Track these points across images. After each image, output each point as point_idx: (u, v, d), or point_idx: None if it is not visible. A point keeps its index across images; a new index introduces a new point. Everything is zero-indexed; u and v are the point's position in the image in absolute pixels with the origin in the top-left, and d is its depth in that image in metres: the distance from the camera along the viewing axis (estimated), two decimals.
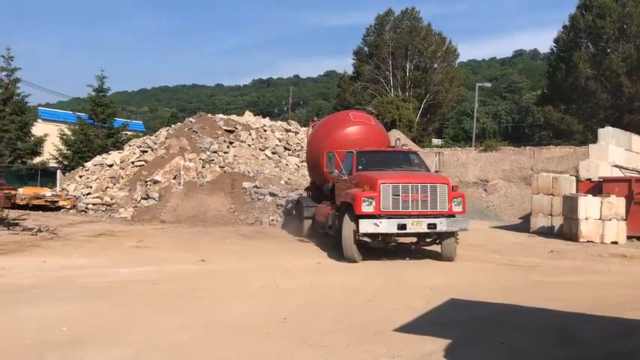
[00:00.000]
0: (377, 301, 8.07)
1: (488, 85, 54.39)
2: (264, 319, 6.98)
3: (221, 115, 28.76)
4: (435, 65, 54.87)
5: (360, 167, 12.60)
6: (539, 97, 55.71)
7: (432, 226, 11.15)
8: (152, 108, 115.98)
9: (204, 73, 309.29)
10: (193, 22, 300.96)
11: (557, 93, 45.84)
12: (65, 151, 33.47)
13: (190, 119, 27.90)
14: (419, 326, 6.75)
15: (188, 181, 22.06)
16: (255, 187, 21.33)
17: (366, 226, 11.04)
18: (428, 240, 12.08)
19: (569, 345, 6.22)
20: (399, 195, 11.15)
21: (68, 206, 22.01)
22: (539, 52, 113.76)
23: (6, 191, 16.49)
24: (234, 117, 28.85)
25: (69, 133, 34.10)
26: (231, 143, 25.08)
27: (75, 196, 22.82)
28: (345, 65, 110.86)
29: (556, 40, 47.81)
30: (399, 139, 14.47)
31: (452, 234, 11.60)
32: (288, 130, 28.09)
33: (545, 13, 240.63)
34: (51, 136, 32.92)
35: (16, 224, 16.92)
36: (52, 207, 21.84)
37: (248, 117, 29.14)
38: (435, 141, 57.87)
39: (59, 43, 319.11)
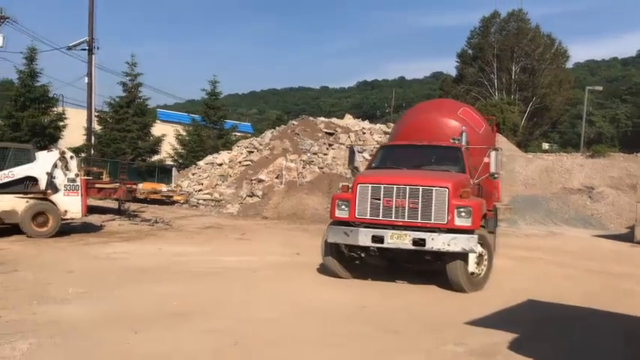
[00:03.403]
0: (454, 298, 8.54)
1: (599, 88, 51.71)
2: (346, 306, 7.74)
3: (322, 118, 29.89)
4: (543, 67, 53.00)
5: (374, 165, 10.55)
6: None
7: (419, 242, 8.50)
8: (260, 110, 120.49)
9: (311, 76, 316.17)
10: (300, 25, 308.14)
11: None
12: (180, 150, 36.06)
13: (293, 122, 29.25)
14: (490, 321, 7.19)
15: (289, 180, 23.29)
16: None
17: (334, 235, 9.02)
18: (428, 258, 9.16)
19: (637, 346, 6.41)
20: (379, 199, 8.80)
21: (181, 201, 23.93)
22: None
23: (128, 186, 18.33)
24: (334, 120, 29.87)
25: (184, 133, 36.71)
26: (330, 145, 26.06)
27: (188, 192, 24.78)
28: (451, 66, 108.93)
29: None
30: (463, 131, 11.02)
31: (461, 255, 8.64)
32: (386, 133, 28.60)
33: None
34: (168, 136, 35.60)
35: (136, 215, 18.85)
36: (167, 201, 23.83)
37: (348, 120, 30.05)
38: (545, 145, 55.94)
39: (176, 47, 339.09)
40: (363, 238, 8.75)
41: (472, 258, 8.88)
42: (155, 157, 34.66)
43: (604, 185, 26.48)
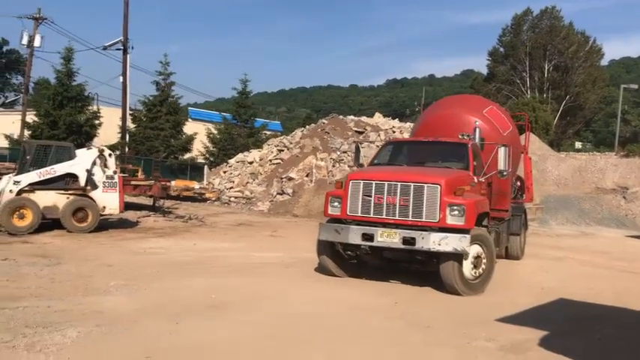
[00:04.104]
0: (486, 297, 8.60)
1: (635, 86, 50.74)
2: (377, 301, 7.91)
3: (352, 117, 30.02)
4: (577, 65, 52.21)
5: (376, 161, 10.29)
6: None
7: (409, 241, 8.23)
8: (289, 109, 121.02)
9: (339, 74, 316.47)
10: (329, 24, 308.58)
11: None
12: (211, 149, 36.64)
13: (323, 121, 29.45)
14: (521, 319, 7.27)
15: (319, 178, 23.51)
16: None
17: (326, 233, 8.91)
18: (419, 257, 8.82)
19: None
20: (370, 196, 8.60)
21: (213, 198, 24.36)
22: None
23: (163, 183, 18.76)
24: (364, 118, 29.97)
25: (215, 132, 37.28)
26: (360, 144, 26.17)
27: (219, 190, 25.21)
28: (482, 64, 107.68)
29: None
30: (477, 126, 10.53)
31: (454, 256, 8.24)
32: None
33: None
34: (199, 134, 36.19)
35: (170, 212, 19.27)
36: (199, 198, 24.29)
37: (377, 118, 30.13)
38: (578, 144, 55.18)
39: (205, 45, 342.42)
40: (354, 235, 8.55)
41: (468, 260, 8.45)
42: (187, 155, 35.25)
43: (639, 185, 26.05)
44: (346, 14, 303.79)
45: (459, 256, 8.24)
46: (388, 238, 8.34)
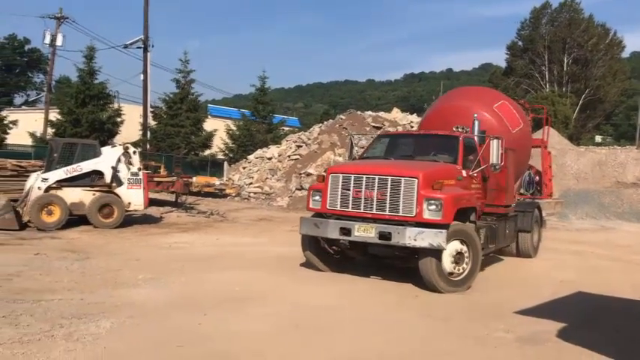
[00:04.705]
0: (504, 290, 8.78)
1: None
2: (398, 294, 8.10)
3: (369, 112, 30.10)
4: (597, 58, 51.68)
5: (365, 155, 10.27)
6: None
7: (385, 235, 8.09)
8: (306, 104, 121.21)
9: (356, 69, 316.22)
10: (346, 18, 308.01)
11: None
12: (231, 145, 36.99)
13: (341, 116, 29.58)
14: (539, 311, 7.41)
15: None
16: None
17: (306, 227, 8.98)
18: (397, 253, 8.69)
19: None
20: (349, 189, 8.53)
21: (233, 194, 24.61)
22: None
23: (185, 179, 19.08)
24: (382, 114, 30.03)
25: (234, 128, 37.62)
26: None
27: (239, 186, 25.49)
28: (501, 57, 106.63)
29: None
30: (475, 119, 10.12)
31: (432, 252, 8.00)
32: None
33: None
34: (218, 131, 36.55)
35: (192, 208, 19.61)
36: (219, 194, 24.52)
37: (395, 114, 30.20)
38: (598, 138, 54.69)
39: (222, 42, 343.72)
40: (332, 230, 8.52)
41: (448, 256, 8.22)
42: (207, 152, 35.63)
43: None
44: (362, 8, 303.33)
45: (437, 252, 8.04)
46: (365, 233, 8.27)
